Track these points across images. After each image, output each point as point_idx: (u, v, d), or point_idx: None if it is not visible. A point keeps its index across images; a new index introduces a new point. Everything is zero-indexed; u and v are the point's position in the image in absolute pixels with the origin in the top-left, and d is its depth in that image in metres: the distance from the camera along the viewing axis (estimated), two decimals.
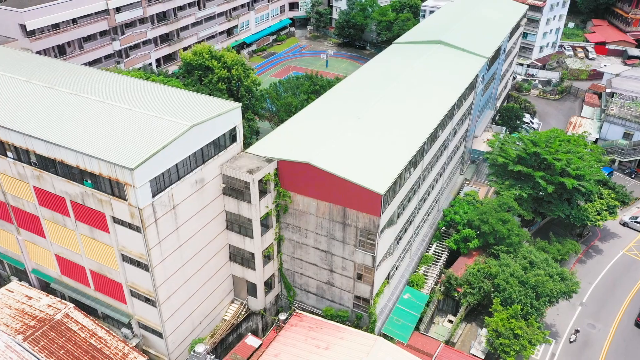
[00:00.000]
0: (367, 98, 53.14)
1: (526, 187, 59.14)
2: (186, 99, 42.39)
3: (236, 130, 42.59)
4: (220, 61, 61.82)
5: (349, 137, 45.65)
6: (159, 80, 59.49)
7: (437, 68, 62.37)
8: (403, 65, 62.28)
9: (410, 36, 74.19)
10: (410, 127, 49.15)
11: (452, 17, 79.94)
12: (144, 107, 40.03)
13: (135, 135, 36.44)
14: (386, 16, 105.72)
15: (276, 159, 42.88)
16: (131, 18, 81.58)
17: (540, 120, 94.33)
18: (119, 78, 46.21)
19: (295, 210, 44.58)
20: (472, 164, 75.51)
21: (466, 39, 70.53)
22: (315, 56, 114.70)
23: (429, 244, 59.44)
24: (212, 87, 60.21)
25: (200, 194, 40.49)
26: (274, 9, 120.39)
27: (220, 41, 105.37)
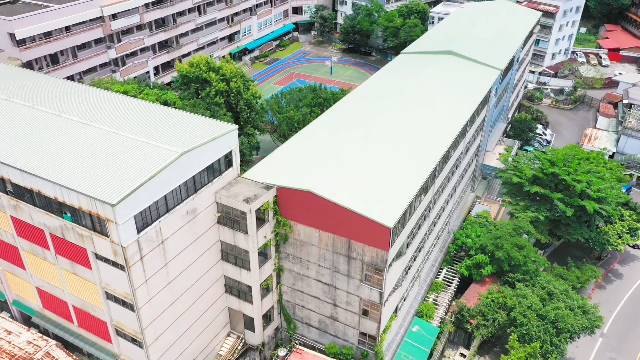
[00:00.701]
0: (374, 115, 49.65)
1: (543, 209, 55.50)
2: (178, 120, 38.99)
3: (232, 154, 39.20)
4: (219, 73, 58.43)
5: (355, 160, 42.16)
6: (153, 93, 56.19)
7: (448, 81, 58.81)
8: (412, 77, 58.74)
9: (419, 45, 70.64)
10: (421, 148, 45.61)
11: (462, 25, 76.34)
12: (131, 130, 36.66)
13: (120, 164, 33.06)
14: (393, 22, 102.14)
15: (275, 186, 39.46)
16: (127, 25, 78.35)
17: (553, 131, 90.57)
18: (106, 96, 42.86)
19: (296, 240, 41.12)
20: (483, 180, 71.90)
21: (478, 49, 66.94)
22: (319, 62, 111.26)
23: (439, 269, 55.89)
24: (210, 100, 56.85)
25: (192, 225, 37.10)
26: (277, 13, 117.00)
27: (221, 47, 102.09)
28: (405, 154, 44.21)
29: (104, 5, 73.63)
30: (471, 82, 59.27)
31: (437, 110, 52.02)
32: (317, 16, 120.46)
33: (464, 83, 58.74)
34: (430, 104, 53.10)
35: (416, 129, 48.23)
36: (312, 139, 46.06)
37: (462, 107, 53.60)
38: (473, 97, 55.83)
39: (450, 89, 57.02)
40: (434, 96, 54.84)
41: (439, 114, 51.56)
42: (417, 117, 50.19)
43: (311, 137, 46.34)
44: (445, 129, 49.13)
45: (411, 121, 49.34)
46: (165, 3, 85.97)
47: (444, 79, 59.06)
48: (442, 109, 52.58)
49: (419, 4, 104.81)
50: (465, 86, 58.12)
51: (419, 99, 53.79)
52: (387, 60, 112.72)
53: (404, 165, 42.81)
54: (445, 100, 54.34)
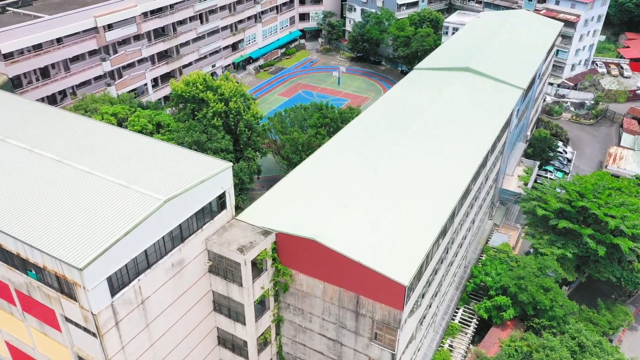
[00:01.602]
0: (386, 143, 44.92)
1: (570, 245, 50.48)
2: (164, 156, 34.45)
3: (226, 195, 34.61)
4: (217, 92, 53.90)
5: (365, 199, 37.43)
6: (145, 115, 51.79)
7: (466, 102, 53.96)
8: (427, 99, 53.96)
9: (434, 60, 65.75)
10: (438, 183, 40.82)
11: (479, 37, 71.35)
12: (110, 170, 32.17)
13: (93, 215, 28.54)
14: (404, 31, 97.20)
15: (274, 231, 34.84)
16: (124, 36, 74.04)
17: (574, 148, 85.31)
18: (87, 125, 38.36)
19: (297, 290, 36.48)
20: (501, 205, 66.90)
21: (497, 65, 62.00)
22: (326, 72, 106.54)
23: (455, 310, 51.06)
24: (207, 122, 52.36)
25: (179, 279, 32.56)
26: (282, 20, 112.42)
27: (224, 57, 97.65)
28: (420, 191, 39.43)
29: (98, 15, 69.35)
30: (491, 104, 54.38)
31: (455, 138, 47.18)
32: (325, 23, 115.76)
33: (483, 105, 53.86)
34: (447, 130, 48.28)
35: (432, 160, 43.43)
36: (317, 172, 41.39)
37: (482, 133, 48.75)
38: (494, 122, 50.96)
39: (469, 112, 52.17)
40: (451, 121, 50.03)
41: (457, 142, 46.72)
42: (433, 147, 45.39)
43: (316, 170, 41.67)
44: (464, 160, 44.30)
45: (426, 151, 44.55)
46: (164, 12, 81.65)
47: (462, 101, 54.20)
48: (460, 136, 47.74)
49: (432, 12, 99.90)
50: (485, 108, 53.24)
51: (434, 124, 48.99)
52: (397, 70, 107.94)
53: (419, 205, 38.05)
54: (464, 126, 49.51)
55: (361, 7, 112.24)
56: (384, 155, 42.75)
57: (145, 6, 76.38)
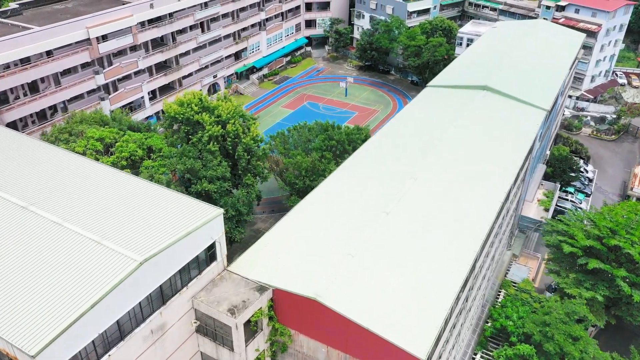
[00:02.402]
0: (399, 176, 40.45)
1: (600, 287, 45.73)
2: (146, 200, 30.19)
3: (216, 245, 30.28)
4: (214, 114, 49.62)
5: (374, 249, 32.97)
6: (135, 139, 47.54)
7: (485, 127, 49.38)
8: (442, 123, 49.45)
9: (448, 76, 61.16)
10: (457, 225, 36.30)
11: (496, 51, 66.64)
12: (82, 220, 27.93)
13: (57, 279, 24.29)
14: (415, 40, 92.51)
15: (271, 287, 30.47)
16: (118, 47, 69.92)
17: (595, 167, 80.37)
18: (62, 160, 34.16)
19: (297, 352, 32.10)
20: (520, 233, 62.16)
21: (518, 83, 57.35)
22: (333, 82, 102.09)
23: (472, 355, 46.47)
24: (202, 147, 48.12)
25: (160, 345, 28.26)
26: (288, 27, 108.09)
27: (227, 66, 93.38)
28: (437, 236, 34.93)
29: (91, 26, 65.25)
30: (513, 129, 49.76)
31: (474, 170, 42.62)
32: (332, 31, 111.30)
33: (504, 130, 49.25)
34: (466, 160, 43.72)
35: (450, 198, 38.88)
36: (320, 212, 36.95)
37: (504, 164, 44.15)
38: (516, 150, 46.33)
39: (489, 138, 47.57)
40: (470, 149, 45.47)
41: (477, 175, 42.15)
42: (450, 181, 40.83)
43: (319, 210, 37.24)
44: (485, 197, 39.74)
45: (444, 187, 40.01)
46: (163, 21, 77.50)
47: (481, 125, 49.61)
48: (480, 167, 43.17)
49: (444, 21, 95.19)
50: (506, 134, 48.62)
51: (451, 154, 44.43)
52: (407, 80, 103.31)
53: (436, 254, 33.55)
54: (484, 155, 44.94)
55: (370, 14, 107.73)
56: (397, 192, 38.26)
57: (141, 16, 72.26)
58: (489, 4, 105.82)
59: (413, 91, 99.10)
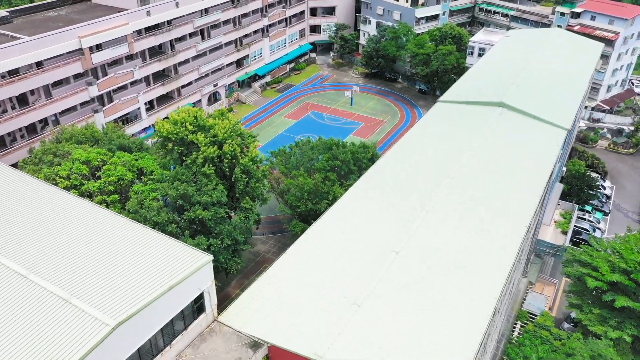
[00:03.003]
0: (410, 208, 36.96)
1: (628, 325, 41.99)
2: (125, 245, 26.81)
3: (204, 296, 26.87)
4: (209, 133, 46.24)
5: (383, 296, 29.48)
6: (125, 162, 44.19)
7: (502, 149, 45.79)
8: (457, 143, 45.93)
9: (461, 90, 57.54)
10: (474, 265, 32.78)
11: (511, 63, 62.95)
12: (50, 272, 24.56)
13: (9, 347, 20.93)
14: (423, 48, 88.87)
15: (266, 344, 27.03)
16: (113, 57, 66.66)
17: (613, 182, 76.55)
18: (32, 195, 30.83)
19: None
20: (536, 257, 58.43)
21: (535, 99, 53.70)
22: (338, 90, 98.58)
23: None
24: (197, 169, 44.79)
25: None
26: (292, 33, 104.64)
27: (228, 74, 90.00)
28: (453, 277, 31.41)
29: (83, 35, 62.03)
30: (531, 151, 46.11)
31: (491, 200, 39.06)
32: (337, 36, 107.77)
33: (522, 152, 45.62)
34: (482, 189, 40.16)
35: (466, 233, 35.35)
36: (322, 251, 33.48)
37: (523, 193, 40.55)
38: (536, 177, 42.72)
39: (506, 163, 43.98)
40: (486, 175, 41.90)
41: (495, 205, 38.60)
42: (465, 213, 37.29)
43: (320, 249, 33.77)
44: (505, 229, 36.19)
45: (459, 219, 36.47)
46: (160, 29, 74.24)
47: (497, 147, 46.02)
48: (497, 196, 39.61)
49: (454, 28, 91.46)
50: (524, 156, 45.00)
51: (467, 180, 40.88)
52: (414, 89, 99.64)
53: (452, 299, 30.03)
54: (501, 182, 41.36)
55: (377, 19, 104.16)
56: (408, 227, 34.76)
57: (137, 24, 69.02)
58: (501, 10, 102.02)
59: (421, 100, 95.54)
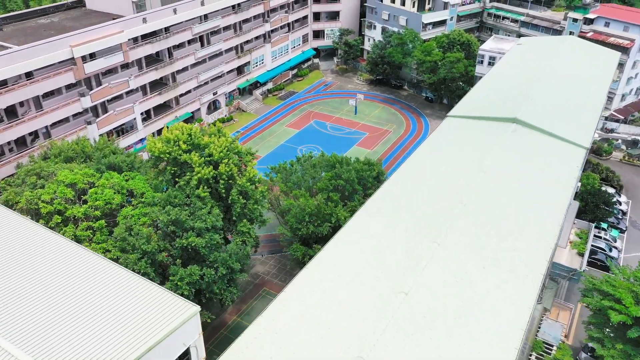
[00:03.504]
0: (419, 240, 33.94)
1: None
2: (103, 296, 23.91)
3: (190, 351, 23.93)
4: (205, 152, 43.37)
5: (392, 350, 26.48)
6: (114, 183, 41.32)
7: (517, 170, 42.71)
8: (469, 163, 42.89)
9: (471, 104, 54.51)
10: (491, 306, 29.76)
11: (524, 74, 59.81)
12: (13, 331, 21.67)
13: None
14: (430, 55, 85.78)
15: None
16: (107, 66, 63.85)
17: (629, 197, 73.23)
18: (16, 233, 27.98)
19: None
20: (551, 281, 55.25)
21: (550, 114, 50.56)
22: (342, 97, 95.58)
23: None
24: (191, 191, 41.94)
25: None
26: (294, 39, 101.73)
27: (228, 82, 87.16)
28: (468, 319, 28.39)
29: (75, 45, 59.25)
30: (549, 172, 43.00)
31: (508, 228, 36.01)
32: (342, 42, 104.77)
33: (539, 175, 42.49)
34: (498, 215, 37.11)
35: (481, 265, 32.33)
36: (324, 292, 30.49)
37: (542, 218, 37.49)
38: (556, 200, 39.64)
39: (523, 186, 40.89)
40: (502, 201, 38.80)
41: (512, 234, 35.55)
42: (481, 243, 34.25)
43: (322, 288, 30.79)
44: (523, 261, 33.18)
45: (473, 252, 33.44)
46: (158, 36, 71.45)
47: (512, 169, 42.92)
48: (515, 225, 36.55)
49: (462, 34, 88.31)
50: (542, 180, 41.89)
51: (481, 207, 37.82)
52: (421, 96, 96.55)
53: (467, 346, 27.03)
54: (518, 210, 38.27)
55: (382, 24, 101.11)
56: (417, 262, 31.76)
57: (133, 31, 66.22)
58: (510, 15, 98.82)
59: (427, 109, 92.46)
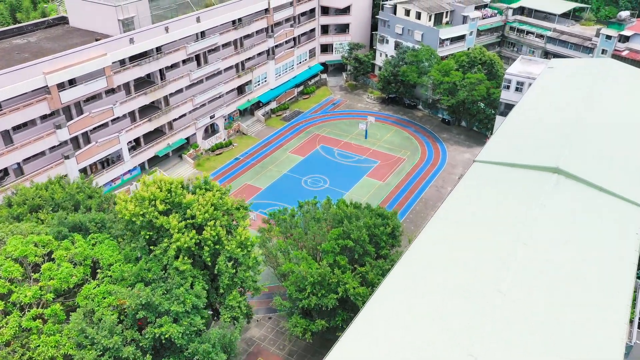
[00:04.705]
0: (457, 329, 26.35)
1: None
2: None
3: None
4: (186, 213, 36.12)
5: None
6: (76, 253, 34.14)
7: (563, 233, 34.83)
8: (504, 223, 35.18)
9: (501, 146, 46.66)
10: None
11: (560, 107, 51.85)
12: None
13: None
14: (449, 76, 78.07)
15: None
16: (87, 94, 56.81)
17: None
18: None
19: None
20: None
21: (599, 162, 42.58)
22: (351, 119, 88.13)
23: None
24: (168, 261, 34.76)
25: None
26: (301, 54, 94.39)
27: (227, 103, 79.96)
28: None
29: (49, 72, 52.26)
30: (603, 237, 35.20)
31: (558, 318, 28.34)
32: (351, 57, 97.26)
33: (593, 242, 34.72)
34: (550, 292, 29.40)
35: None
36: None
37: (603, 296, 29.76)
38: (616, 272, 31.87)
39: (571, 258, 33.09)
40: (551, 272, 31.07)
41: (563, 325, 27.88)
42: (528, 334, 26.60)
43: None
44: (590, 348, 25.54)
45: (520, 342, 25.82)
46: (149, 56, 64.40)
47: (556, 232, 35.08)
48: (570, 305, 28.86)
49: (484, 52, 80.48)
50: (596, 249, 34.12)
51: (523, 288, 30.09)
52: (437, 117, 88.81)
53: None
54: (571, 283, 30.54)
55: (395, 38, 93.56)
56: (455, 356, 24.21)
57: (118, 54, 59.14)
58: (535, 29, 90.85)
59: (444, 132, 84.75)
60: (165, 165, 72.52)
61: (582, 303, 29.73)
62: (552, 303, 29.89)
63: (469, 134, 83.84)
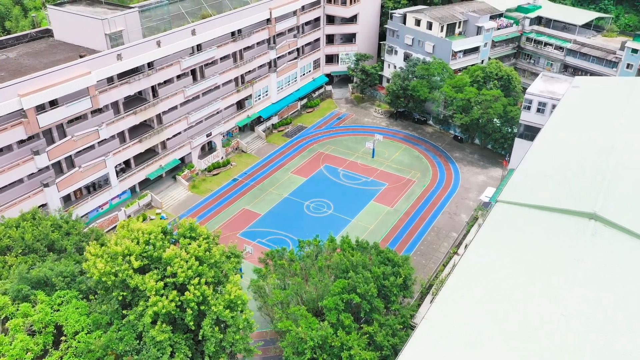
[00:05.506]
0: None
1: None
2: None
3: None
4: (167, 270, 31.19)
5: None
6: (39, 315, 29.23)
7: (606, 294, 29.75)
8: (539, 283, 30.07)
9: (526, 184, 41.44)
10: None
11: (592, 137, 46.59)
12: None
13: None
14: (462, 92, 72.79)
15: None
16: (68, 116, 51.99)
17: None
18: None
19: None
20: None
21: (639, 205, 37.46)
22: (357, 135, 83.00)
23: None
24: (144, 329, 29.85)
25: None
26: (304, 65, 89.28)
27: (225, 119, 75.00)
28: None
29: (25, 93, 47.46)
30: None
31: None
32: (358, 69, 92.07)
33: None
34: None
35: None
36: None
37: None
38: None
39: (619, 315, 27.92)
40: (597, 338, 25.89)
41: None
42: None
43: None
44: None
45: None
46: (139, 72, 59.56)
47: (597, 294, 29.92)
48: None
49: (500, 67, 75.11)
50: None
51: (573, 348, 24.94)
52: (449, 134, 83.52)
53: None
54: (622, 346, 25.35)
55: (404, 49, 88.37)
56: None
57: (104, 72, 54.24)
58: (554, 41, 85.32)
59: (457, 151, 79.46)
60: (158, 187, 67.62)
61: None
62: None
63: (483, 153, 78.47)
